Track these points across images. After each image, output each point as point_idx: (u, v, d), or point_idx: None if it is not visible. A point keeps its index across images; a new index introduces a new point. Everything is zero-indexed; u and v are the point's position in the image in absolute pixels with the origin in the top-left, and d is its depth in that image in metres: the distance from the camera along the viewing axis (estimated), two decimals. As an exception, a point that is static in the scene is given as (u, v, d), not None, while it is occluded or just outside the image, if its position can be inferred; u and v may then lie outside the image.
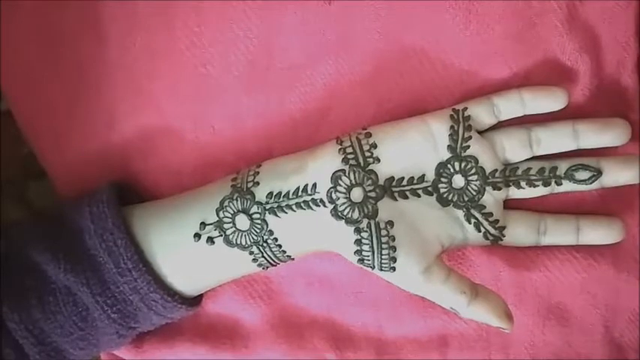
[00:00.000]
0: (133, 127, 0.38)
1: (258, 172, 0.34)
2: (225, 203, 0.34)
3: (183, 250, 0.34)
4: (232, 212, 0.34)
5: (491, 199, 0.34)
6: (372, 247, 0.33)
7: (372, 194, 0.33)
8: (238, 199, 0.34)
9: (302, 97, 0.36)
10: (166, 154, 0.38)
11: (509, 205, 0.35)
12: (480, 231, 0.34)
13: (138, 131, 0.38)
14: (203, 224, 0.34)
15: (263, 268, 0.35)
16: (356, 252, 0.33)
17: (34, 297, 0.34)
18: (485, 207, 0.34)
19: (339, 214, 0.33)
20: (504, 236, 0.34)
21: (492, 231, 0.34)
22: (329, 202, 0.33)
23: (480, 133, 0.34)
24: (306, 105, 0.36)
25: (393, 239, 0.33)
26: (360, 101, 0.36)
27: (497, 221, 0.34)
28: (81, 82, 0.38)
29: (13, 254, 0.34)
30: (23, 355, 0.34)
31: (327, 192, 0.33)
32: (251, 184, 0.34)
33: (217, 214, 0.34)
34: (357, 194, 0.33)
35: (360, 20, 0.35)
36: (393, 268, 0.33)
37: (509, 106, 0.33)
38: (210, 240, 0.34)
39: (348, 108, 0.36)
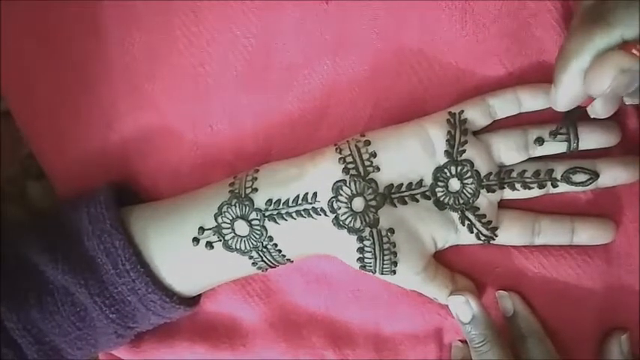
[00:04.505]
0: (132, 127, 0.38)
1: (256, 178, 0.34)
2: (224, 209, 0.34)
3: (181, 253, 0.35)
4: (231, 218, 0.34)
5: (486, 201, 0.34)
6: (374, 254, 0.33)
7: (373, 202, 0.33)
8: (237, 204, 0.34)
9: (300, 97, 0.37)
10: (165, 154, 0.38)
11: (503, 204, 0.35)
12: (472, 232, 0.34)
13: (137, 131, 0.38)
14: (202, 229, 0.34)
15: (262, 271, 0.35)
16: (358, 259, 0.33)
17: (32, 297, 0.34)
18: (479, 209, 0.34)
19: (341, 223, 0.33)
20: (497, 236, 0.34)
21: (485, 232, 0.34)
22: (330, 211, 0.33)
23: (477, 133, 0.34)
24: (304, 104, 0.37)
25: (394, 245, 0.33)
26: (357, 100, 0.36)
27: (490, 222, 0.34)
28: (80, 82, 0.38)
29: (12, 255, 0.35)
30: (21, 354, 0.34)
31: (329, 202, 0.33)
32: (249, 190, 0.34)
33: (216, 220, 0.34)
34: (358, 204, 0.33)
35: (357, 20, 0.35)
36: (394, 272, 0.34)
37: (505, 105, 0.34)
38: (209, 245, 0.34)
39: (345, 107, 0.36)
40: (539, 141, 0.34)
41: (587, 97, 0.29)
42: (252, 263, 0.34)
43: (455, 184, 0.34)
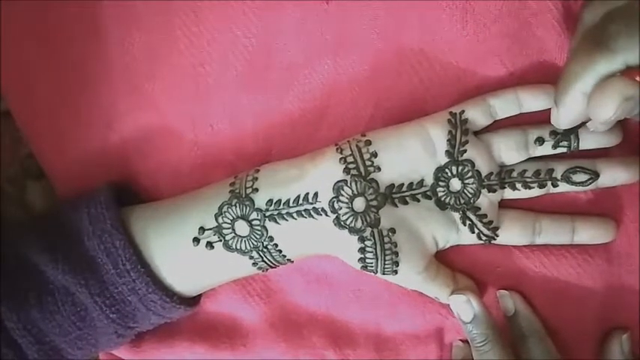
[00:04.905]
0: (132, 127, 0.38)
1: (256, 178, 0.34)
2: (224, 209, 0.34)
3: (182, 253, 0.34)
4: (231, 218, 0.34)
5: (487, 200, 0.34)
6: (375, 254, 0.33)
7: (374, 202, 0.33)
8: (237, 205, 0.34)
9: (300, 97, 0.36)
10: (165, 154, 0.38)
11: (504, 204, 0.35)
12: (473, 232, 0.34)
13: (137, 131, 0.38)
14: (202, 229, 0.34)
15: (262, 271, 0.35)
16: (360, 259, 0.33)
17: (32, 297, 0.34)
18: (480, 209, 0.34)
19: (342, 223, 0.33)
20: (497, 236, 0.34)
21: (486, 232, 0.34)
22: (331, 211, 0.33)
23: (477, 133, 0.34)
24: (305, 104, 0.37)
25: (396, 245, 0.33)
26: (358, 100, 0.36)
27: (491, 222, 0.34)
28: (80, 82, 0.38)
29: (12, 255, 0.35)
30: (22, 354, 0.34)
31: (329, 202, 0.33)
32: (250, 190, 0.34)
33: (216, 220, 0.34)
34: (359, 204, 0.33)
35: (358, 20, 0.35)
36: (395, 272, 0.34)
37: (505, 105, 0.34)
38: (210, 245, 0.34)
39: (346, 107, 0.36)
40: (540, 141, 0.34)
41: (588, 117, 0.29)
42: (253, 263, 0.34)
43: (456, 184, 0.34)
